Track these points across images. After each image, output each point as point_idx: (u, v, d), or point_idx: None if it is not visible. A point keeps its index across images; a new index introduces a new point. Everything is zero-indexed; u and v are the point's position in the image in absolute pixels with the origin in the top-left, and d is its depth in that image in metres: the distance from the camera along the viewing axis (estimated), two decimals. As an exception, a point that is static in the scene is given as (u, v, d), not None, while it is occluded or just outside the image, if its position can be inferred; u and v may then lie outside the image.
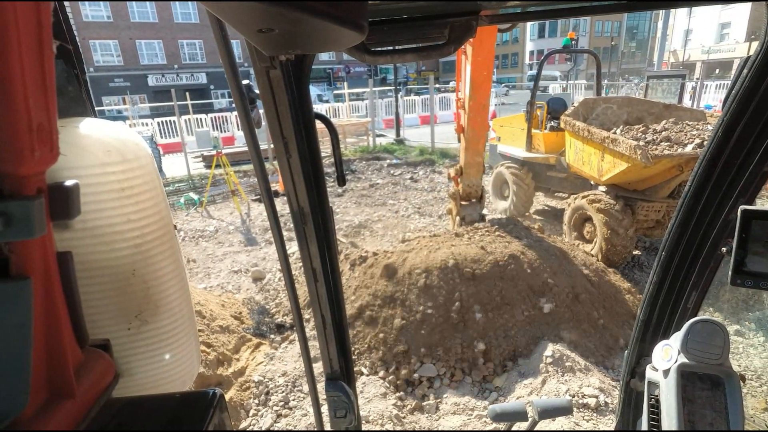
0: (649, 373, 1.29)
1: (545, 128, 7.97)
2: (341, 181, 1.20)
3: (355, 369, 3.98)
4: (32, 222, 0.42)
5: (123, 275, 0.74)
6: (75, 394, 0.52)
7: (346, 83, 22.31)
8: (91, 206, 0.69)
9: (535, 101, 7.73)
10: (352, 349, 4.10)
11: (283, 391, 4.04)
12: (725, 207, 1.18)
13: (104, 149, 0.72)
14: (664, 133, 5.68)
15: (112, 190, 0.72)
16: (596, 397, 3.53)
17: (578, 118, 6.84)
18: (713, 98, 18.16)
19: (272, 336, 5.04)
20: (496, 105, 21.51)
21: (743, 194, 1.14)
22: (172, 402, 0.61)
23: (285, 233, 1.17)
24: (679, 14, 36.42)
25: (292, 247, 5.70)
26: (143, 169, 0.77)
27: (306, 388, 4.04)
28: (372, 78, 20.45)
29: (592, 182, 6.53)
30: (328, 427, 1.42)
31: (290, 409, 3.91)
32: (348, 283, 4.88)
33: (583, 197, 6.22)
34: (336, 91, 28.20)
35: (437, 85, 26.72)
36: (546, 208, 9.21)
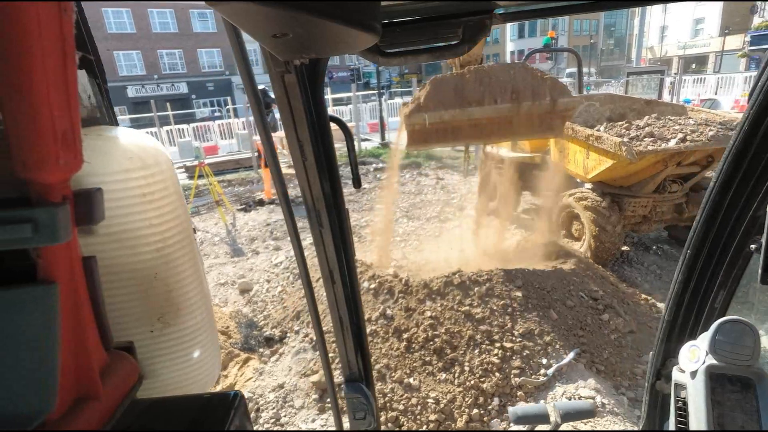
0: (676, 375, 1.25)
1: (530, 127, 7.98)
2: (357, 182, 1.20)
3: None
4: (58, 228, 0.43)
5: (146, 278, 0.75)
6: (101, 395, 0.53)
7: (329, 88, 22.24)
8: (115, 211, 0.71)
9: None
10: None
11: (273, 407, 3.92)
12: (753, 202, 1.14)
13: (126, 156, 0.74)
14: (647, 128, 5.71)
15: (134, 196, 0.74)
16: (593, 398, 3.48)
17: (562, 116, 6.85)
18: (691, 92, 18.53)
19: (261, 350, 4.90)
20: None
21: None
22: (194, 403, 0.63)
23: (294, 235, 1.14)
24: (654, 11, 37.14)
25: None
26: (163, 174, 0.79)
27: (297, 402, 3.93)
28: (355, 83, 20.40)
29: (578, 180, 6.53)
30: (347, 428, 1.41)
31: (282, 425, 3.79)
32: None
33: (570, 195, 6.22)
34: (320, 97, 27.98)
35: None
36: (533, 206, 9.22)
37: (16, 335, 0.45)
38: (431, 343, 4.07)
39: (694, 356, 1.19)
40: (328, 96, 20.42)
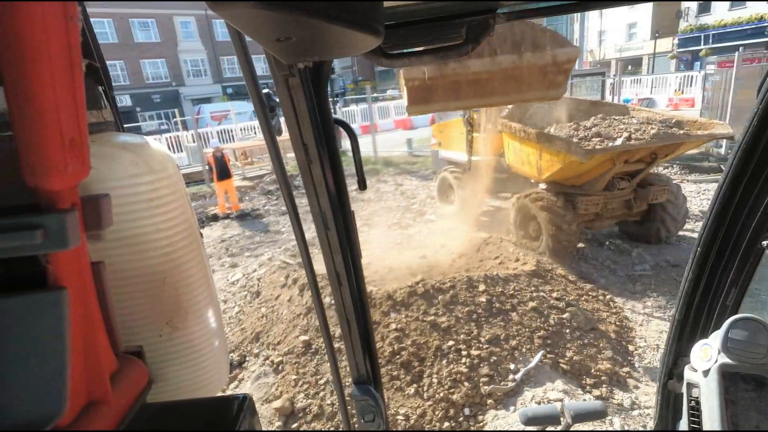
0: (688, 374, 1.24)
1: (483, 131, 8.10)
2: (362, 184, 1.22)
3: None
4: (67, 234, 0.44)
5: (154, 283, 0.75)
6: (111, 399, 0.53)
7: (278, 98, 21.80)
8: (123, 217, 0.71)
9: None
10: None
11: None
12: (764, 198, 1.12)
13: (133, 162, 0.74)
14: (594, 129, 5.90)
15: (141, 201, 0.74)
16: (561, 400, 3.48)
17: (514, 119, 7.00)
18: (630, 92, 19.62)
19: (219, 377, 4.60)
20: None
21: None
22: (204, 406, 0.64)
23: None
24: (592, 16, 39.27)
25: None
26: (170, 179, 0.79)
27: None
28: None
29: (532, 180, 6.66)
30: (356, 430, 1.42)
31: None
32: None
33: (526, 196, 6.32)
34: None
35: (375, 95, 26.79)
36: (491, 208, 9.36)
37: (27, 341, 0.46)
38: (398, 357, 3.95)
39: (707, 355, 1.17)
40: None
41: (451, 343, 4.00)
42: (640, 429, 3.15)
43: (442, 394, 3.63)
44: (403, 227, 8.99)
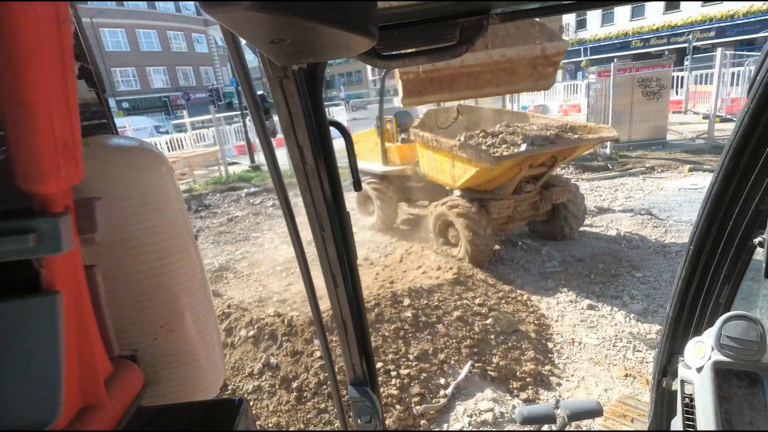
0: (682, 372, 1.25)
1: (397, 141, 8.14)
2: (357, 186, 1.24)
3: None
4: (60, 238, 0.44)
5: (148, 286, 0.74)
6: (105, 404, 0.53)
7: (186, 111, 20.40)
8: (116, 220, 0.70)
9: (383, 115, 7.83)
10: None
11: None
12: (755, 197, 1.13)
13: (127, 164, 0.73)
14: (500, 136, 6.18)
15: (135, 204, 0.72)
16: (492, 410, 3.46)
17: (425, 128, 7.10)
18: (526, 99, 21.31)
19: None
20: (348, 121, 21.87)
21: None
22: (200, 410, 0.63)
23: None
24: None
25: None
26: (164, 181, 0.78)
27: None
28: (215, 104, 19.02)
29: (447, 188, 6.79)
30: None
31: None
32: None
33: (443, 204, 6.42)
34: (176, 121, 25.63)
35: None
36: (410, 216, 9.44)
37: (20, 345, 0.46)
38: (324, 387, 3.68)
39: (700, 352, 1.18)
40: (186, 120, 18.69)
41: (379, 365, 3.82)
42: (636, 429, 3.21)
43: (373, 422, 3.43)
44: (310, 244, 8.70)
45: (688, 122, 15.56)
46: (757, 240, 1.18)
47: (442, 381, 3.77)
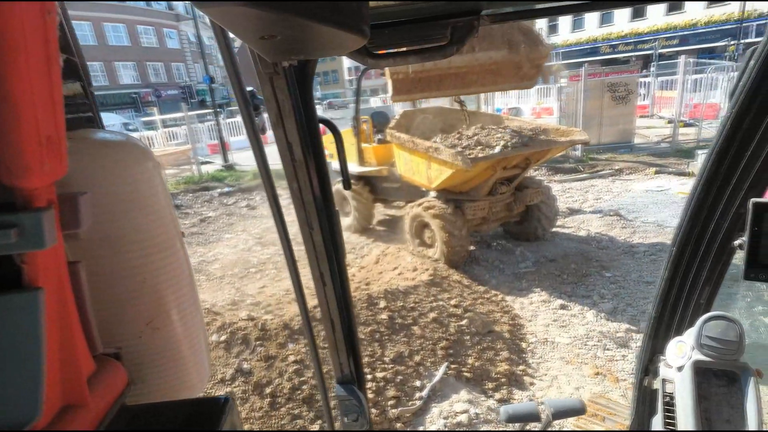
0: (663, 371, 1.28)
1: (373, 141, 8.11)
2: (347, 184, 1.26)
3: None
4: (43, 233, 0.43)
5: (134, 284, 0.74)
6: (88, 402, 0.53)
7: (157, 108, 19.80)
8: (101, 216, 0.69)
9: (359, 116, 7.80)
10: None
11: None
12: (736, 200, 1.16)
13: (112, 159, 0.72)
14: (475, 138, 6.23)
15: (121, 199, 0.72)
16: (467, 411, 3.48)
17: (401, 129, 7.10)
18: (500, 102, 21.66)
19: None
20: (324, 121, 21.64)
21: (754, 187, 1.13)
22: (185, 408, 0.63)
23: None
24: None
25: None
26: (150, 176, 0.77)
27: None
28: (187, 101, 18.53)
29: (423, 189, 6.82)
30: (340, 430, 1.41)
31: None
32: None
33: (419, 205, 6.43)
34: (146, 118, 24.85)
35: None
36: (387, 217, 9.44)
37: (1, 342, 0.45)
38: (298, 392, 3.62)
39: (681, 352, 1.21)
40: (157, 117, 18.14)
41: (355, 368, 3.79)
42: (617, 429, 3.26)
43: (349, 427, 3.39)
44: (299, 243, 8.59)
45: (653, 126, 16.15)
46: (737, 242, 1.20)
47: (418, 383, 3.76)
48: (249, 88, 0.93)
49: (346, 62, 57.83)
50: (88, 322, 0.58)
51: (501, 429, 3.38)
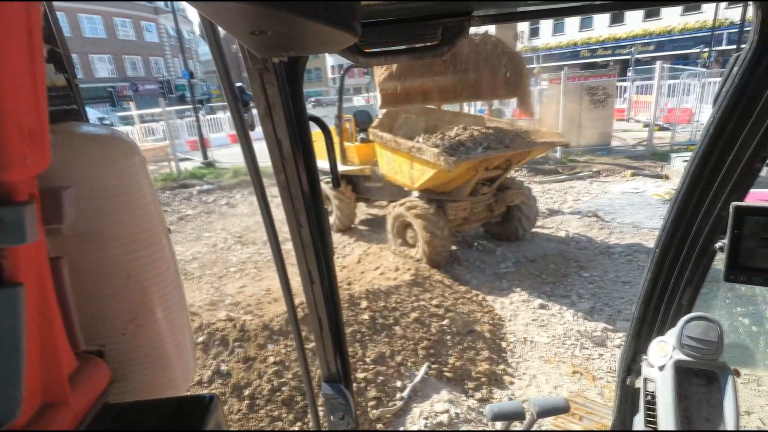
0: (645, 370, 1.31)
1: (356, 140, 8.08)
2: (336, 183, 1.26)
3: None
4: (24, 227, 0.42)
5: (118, 280, 0.72)
6: (69, 400, 0.52)
7: (133, 103, 19.30)
8: (84, 211, 0.67)
9: (342, 114, 7.75)
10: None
11: None
12: (718, 203, 1.19)
13: (97, 153, 0.70)
14: (457, 138, 6.26)
15: (105, 194, 0.70)
16: (447, 411, 3.49)
17: (384, 129, 7.08)
18: (481, 104, 21.89)
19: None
20: (307, 118, 21.48)
21: (735, 190, 1.16)
22: (168, 406, 0.62)
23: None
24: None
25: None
26: (136, 171, 0.75)
27: None
28: (166, 97, 18.11)
29: (406, 189, 6.82)
30: (325, 429, 1.42)
31: None
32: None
33: (401, 205, 6.43)
34: (122, 113, 24.20)
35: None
36: (369, 216, 9.42)
37: None
38: (278, 393, 3.57)
39: (663, 351, 1.24)
40: (134, 112, 17.68)
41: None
42: (600, 429, 3.29)
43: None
44: (281, 242, 8.50)
45: (630, 129, 16.55)
46: (718, 245, 1.23)
47: (399, 384, 3.75)
48: (238, 84, 0.92)
49: (330, 60, 57.51)
50: (70, 319, 0.58)
51: (481, 429, 3.40)
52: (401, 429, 3.43)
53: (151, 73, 43.76)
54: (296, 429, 3.40)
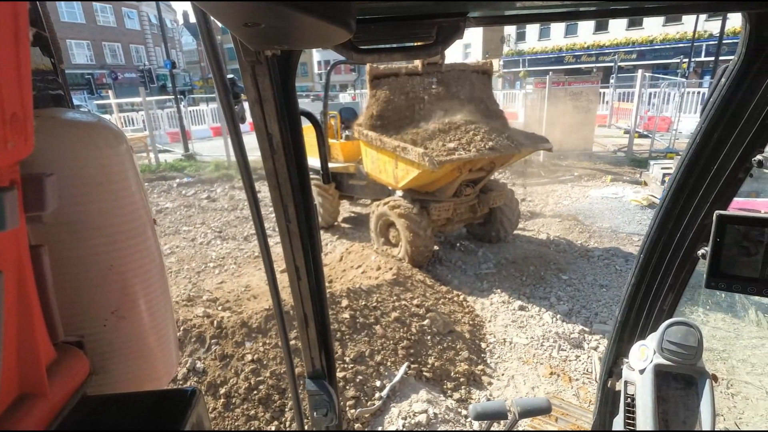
0: (626, 373, 1.33)
1: (341, 137, 8.02)
2: (326, 178, 1.25)
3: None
4: (4, 214, 0.42)
5: (99, 270, 0.72)
6: (47, 392, 0.52)
7: (112, 91, 18.77)
8: (67, 199, 0.67)
9: (327, 111, 7.68)
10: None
11: None
12: (701, 211, 1.21)
13: (81, 140, 0.70)
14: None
15: (89, 182, 0.69)
16: (426, 411, 3.49)
17: (369, 127, 7.05)
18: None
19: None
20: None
21: (719, 199, 1.17)
22: (149, 400, 0.61)
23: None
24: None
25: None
26: (122, 160, 0.74)
27: None
28: (146, 86, 17.65)
29: (390, 188, 6.80)
30: (309, 425, 1.41)
31: None
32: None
33: (385, 204, 6.41)
34: (100, 101, 23.53)
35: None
36: (352, 215, 9.37)
37: None
38: (255, 392, 3.51)
39: (643, 355, 1.25)
40: (112, 101, 17.19)
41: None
42: (581, 430, 3.31)
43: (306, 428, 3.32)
44: (272, 238, 8.38)
45: (610, 135, 16.88)
46: (700, 252, 1.26)
47: (378, 383, 3.74)
48: (229, 76, 0.90)
49: (316, 55, 57.03)
50: (50, 309, 0.57)
51: (459, 429, 3.41)
52: (379, 429, 3.42)
53: (131, 61, 42.64)
54: (274, 428, 3.35)
